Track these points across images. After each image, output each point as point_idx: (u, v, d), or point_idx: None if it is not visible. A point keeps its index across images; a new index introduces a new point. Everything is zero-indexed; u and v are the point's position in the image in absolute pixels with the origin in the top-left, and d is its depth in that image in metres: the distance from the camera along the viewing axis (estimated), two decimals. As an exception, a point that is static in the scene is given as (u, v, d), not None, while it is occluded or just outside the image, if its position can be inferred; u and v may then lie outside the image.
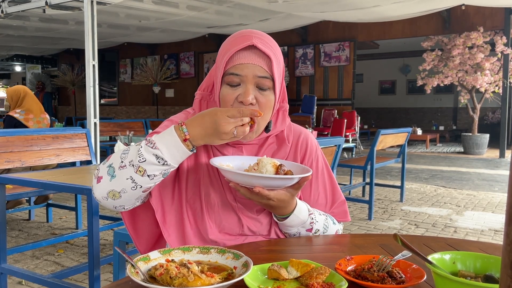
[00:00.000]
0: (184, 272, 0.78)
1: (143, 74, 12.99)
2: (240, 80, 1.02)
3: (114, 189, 0.97)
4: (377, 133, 4.38)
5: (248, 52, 1.02)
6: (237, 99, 1.02)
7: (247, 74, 1.01)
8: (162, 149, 0.93)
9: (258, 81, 1.02)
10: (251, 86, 1.02)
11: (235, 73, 1.01)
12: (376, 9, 8.02)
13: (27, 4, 6.27)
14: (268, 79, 1.03)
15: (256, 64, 1.01)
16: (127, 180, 0.96)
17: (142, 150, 0.95)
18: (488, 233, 3.86)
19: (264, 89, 1.03)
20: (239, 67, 1.01)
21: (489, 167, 7.97)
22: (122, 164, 0.96)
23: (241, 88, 1.02)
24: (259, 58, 1.02)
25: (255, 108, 1.02)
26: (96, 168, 1.03)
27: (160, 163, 0.94)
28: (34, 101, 4.21)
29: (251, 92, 1.01)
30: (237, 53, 1.02)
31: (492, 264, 0.80)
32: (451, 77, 9.65)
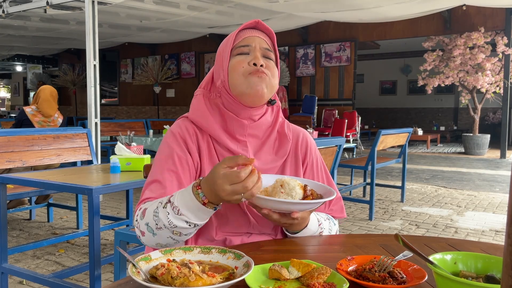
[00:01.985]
0: (185, 272, 0.78)
1: (144, 74, 12.99)
2: (249, 50, 1.10)
3: (160, 243, 1.02)
4: (378, 133, 4.38)
5: (253, 30, 1.14)
6: (249, 63, 1.09)
7: (255, 45, 1.11)
8: (188, 215, 0.95)
9: (264, 52, 1.12)
10: (259, 54, 1.10)
11: (245, 45, 1.10)
12: (377, 10, 8.02)
13: (28, 4, 6.27)
14: (271, 52, 1.14)
15: (261, 38, 1.12)
16: (167, 238, 1.00)
17: (170, 218, 0.96)
18: (489, 233, 3.85)
19: (270, 58, 1.13)
20: (247, 39, 1.11)
21: (490, 168, 7.96)
22: (157, 226, 0.99)
23: (251, 56, 1.10)
24: (263, 33, 1.15)
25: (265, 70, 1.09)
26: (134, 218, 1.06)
27: (191, 226, 0.97)
28: (49, 103, 4.38)
29: (260, 57, 1.10)
30: (243, 31, 1.13)
31: (493, 265, 0.80)
32: (452, 78, 9.64)
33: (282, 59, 11.30)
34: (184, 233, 0.98)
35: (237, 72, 1.08)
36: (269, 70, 1.10)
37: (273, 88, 1.12)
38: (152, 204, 1.02)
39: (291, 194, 0.98)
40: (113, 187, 2.12)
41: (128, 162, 2.45)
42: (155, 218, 0.99)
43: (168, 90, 13.35)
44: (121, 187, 2.17)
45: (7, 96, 24.88)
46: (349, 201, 5.03)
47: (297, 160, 1.20)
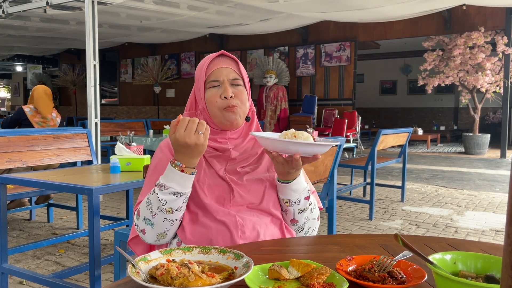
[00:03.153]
0: (185, 272, 0.78)
1: (144, 74, 12.99)
2: (219, 83, 1.27)
3: (159, 233, 1.19)
4: (378, 133, 4.38)
5: (220, 59, 1.30)
6: (221, 97, 1.25)
7: (223, 78, 1.27)
8: (173, 186, 1.13)
9: (232, 81, 1.28)
10: (228, 85, 1.26)
11: (214, 79, 1.27)
12: (377, 9, 8.02)
13: (28, 4, 6.27)
14: (238, 79, 1.29)
15: (228, 67, 1.28)
16: (164, 222, 1.16)
17: (160, 196, 1.14)
18: (489, 233, 3.85)
19: (238, 84, 1.28)
20: (216, 73, 1.27)
21: (490, 167, 7.96)
22: (152, 213, 1.16)
23: (221, 88, 1.26)
24: (229, 61, 1.30)
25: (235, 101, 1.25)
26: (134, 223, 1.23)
27: (178, 196, 1.14)
28: (43, 101, 4.34)
29: (229, 89, 1.26)
30: (212, 62, 1.30)
31: (493, 264, 0.80)
32: (452, 77, 9.64)
33: (282, 59, 11.30)
34: (175, 207, 1.14)
35: (213, 106, 1.26)
36: (238, 98, 1.26)
37: (246, 111, 1.30)
38: (143, 201, 1.20)
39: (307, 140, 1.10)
40: (113, 187, 2.12)
41: (128, 162, 2.45)
42: (149, 207, 1.16)
43: (168, 90, 13.35)
44: (121, 187, 2.17)
45: (7, 96, 24.89)
46: (349, 201, 5.03)
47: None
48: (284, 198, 1.24)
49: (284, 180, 1.22)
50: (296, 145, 1.08)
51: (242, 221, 1.18)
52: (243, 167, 1.27)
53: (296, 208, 1.24)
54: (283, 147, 1.10)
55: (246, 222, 1.18)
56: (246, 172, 1.27)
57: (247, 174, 1.26)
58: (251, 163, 1.29)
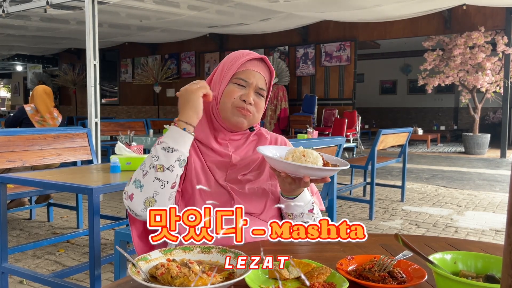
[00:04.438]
0: (185, 272, 0.78)
1: (144, 74, 12.99)
2: (246, 84, 1.23)
3: (147, 196, 1.11)
4: (378, 133, 4.38)
5: (258, 63, 1.26)
6: (241, 97, 1.22)
7: (253, 82, 1.23)
8: (166, 140, 1.12)
9: (258, 90, 1.25)
10: (252, 91, 1.24)
11: (245, 79, 1.23)
12: (377, 9, 8.01)
13: (28, 4, 6.27)
14: (265, 90, 1.26)
15: (261, 74, 1.25)
16: (153, 182, 1.11)
17: (153, 151, 1.13)
18: (489, 233, 3.85)
19: (261, 95, 1.26)
20: (248, 73, 1.23)
21: (490, 167, 7.96)
22: (144, 172, 1.12)
23: (245, 90, 1.23)
24: (265, 70, 1.26)
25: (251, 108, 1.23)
26: (123, 192, 1.16)
27: (170, 152, 1.11)
28: (43, 100, 4.36)
29: (251, 95, 1.23)
30: (250, 61, 1.24)
31: (493, 264, 0.80)
32: (452, 77, 9.64)
33: (282, 58, 11.30)
34: (166, 165, 1.11)
35: (229, 100, 1.22)
36: (255, 108, 1.24)
37: (255, 121, 1.28)
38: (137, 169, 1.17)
39: (316, 162, 1.08)
40: (113, 187, 2.12)
41: (128, 161, 2.45)
42: (142, 166, 1.14)
43: (168, 89, 13.34)
44: (121, 187, 2.16)
45: (7, 96, 24.89)
46: (349, 200, 5.03)
47: None
48: (288, 212, 1.22)
49: (288, 195, 1.19)
50: (307, 169, 1.05)
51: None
52: (244, 175, 1.23)
53: (299, 220, 1.21)
54: (293, 169, 1.07)
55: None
56: (248, 180, 1.23)
57: (249, 183, 1.23)
58: (252, 169, 1.26)
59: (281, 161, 1.07)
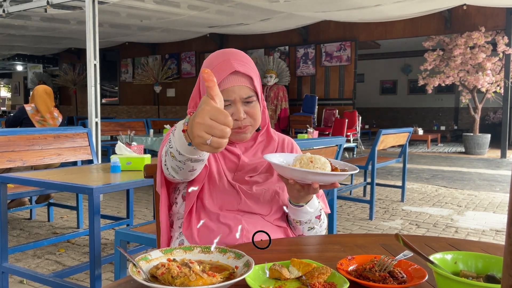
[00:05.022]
0: (186, 272, 0.78)
1: (144, 74, 12.98)
2: (230, 102, 1.16)
3: (172, 167, 1.07)
4: (378, 133, 4.38)
5: (232, 76, 1.15)
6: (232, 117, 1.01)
7: (235, 98, 1.15)
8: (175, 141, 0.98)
9: (245, 99, 1.17)
10: (240, 105, 1.16)
11: (226, 99, 1.13)
12: (377, 9, 8.01)
13: (29, 4, 6.27)
14: (252, 96, 1.18)
15: (242, 85, 1.16)
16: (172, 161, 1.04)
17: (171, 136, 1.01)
18: (490, 233, 3.85)
19: (251, 102, 1.18)
20: (228, 92, 1.14)
21: (490, 167, 7.96)
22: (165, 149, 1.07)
23: (233, 108, 1.16)
24: (243, 79, 1.17)
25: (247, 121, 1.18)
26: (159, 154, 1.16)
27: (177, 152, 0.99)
28: (43, 100, 4.36)
29: (241, 110, 1.16)
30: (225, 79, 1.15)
31: (493, 264, 0.80)
32: (452, 77, 9.64)
33: (282, 58, 11.29)
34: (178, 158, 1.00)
35: None
36: (251, 117, 1.18)
37: (258, 125, 1.23)
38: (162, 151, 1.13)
39: (324, 168, 1.06)
40: (113, 187, 2.12)
41: (129, 161, 2.45)
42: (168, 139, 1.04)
43: (168, 89, 13.34)
44: (122, 187, 2.17)
45: (7, 95, 24.90)
46: (349, 200, 5.03)
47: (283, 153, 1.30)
48: (295, 218, 1.21)
49: (297, 203, 1.18)
50: (315, 175, 1.04)
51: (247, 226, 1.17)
52: (251, 177, 1.23)
53: (306, 226, 1.22)
54: (301, 176, 1.06)
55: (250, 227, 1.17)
56: (256, 181, 1.22)
57: (257, 184, 1.22)
58: (260, 172, 1.25)
59: (288, 167, 1.06)
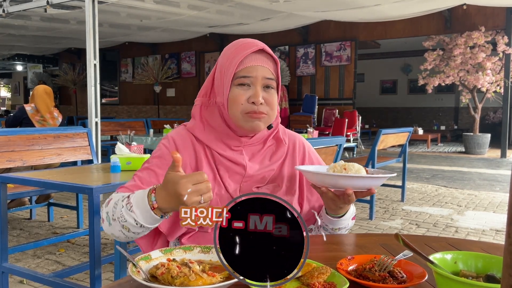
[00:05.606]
0: (186, 272, 0.78)
1: (144, 74, 12.99)
2: (250, 82, 1.10)
3: (113, 233, 1.04)
4: (378, 132, 4.38)
5: (258, 55, 1.11)
6: (248, 100, 1.09)
7: (257, 76, 1.09)
8: (137, 214, 0.96)
9: (266, 82, 1.11)
10: (260, 88, 1.10)
11: (246, 75, 1.09)
12: (377, 9, 8.01)
13: (29, 4, 6.27)
14: (273, 80, 1.12)
15: (264, 66, 1.11)
16: (119, 231, 1.02)
17: (123, 211, 0.98)
18: (490, 233, 3.85)
19: (271, 87, 1.12)
20: (249, 69, 1.09)
21: (490, 167, 7.96)
22: (113, 216, 1.02)
23: (251, 90, 1.10)
24: (267, 60, 1.12)
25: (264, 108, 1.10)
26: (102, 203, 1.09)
27: (138, 225, 0.98)
28: (43, 100, 4.36)
29: (260, 93, 1.09)
30: (247, 57, 1.10)
31: (493, 264, 0.80)
32: (452, 77, 9.64)
33: (282, 58, 11.30)
34: (132, 230, 0.99)
35: (237, 107, 1.09)
36: (268, 105, 1.11)
37: (273, 118, 1.15)
38: (118, 196, 1.05)
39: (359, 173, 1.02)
40: (113, 187, 2.12)
41: (129, 161, 2.45)
42: (113, 210, 1.02)
43: (168, 89, 13.35)
44: (122, 187, 2.16)
45: (7, 95, 24.90)
46: (349, 200, 5.02)
47: (293, 160, 1.23)
48: (334, 227, 1.18)
49: (335, 215, 1.14)
50: (347, 179, 0.99)
51: None
52: (259, 187, 1.16)
53: (344, 230, 1.21)
54: (332, 181, 1.01)
55: None
56: None
57: None
58: (268, 182, 1.17)
59: (320, 173, 1.02)
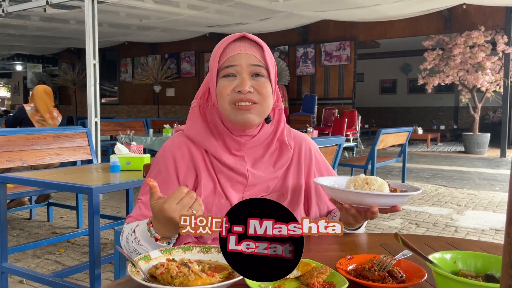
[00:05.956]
0: (185, 271, 0.78)
1: (144, 74, 12.99)
2: (235, 71, 1.03)
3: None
4: (378, 132, 4.38)
5: (240, 42, 1.05)
6: (234, 90, 1.02)
7: (241, 63, 1.02)
8: (146, 246, 0.97)
9: (253, 70, 1.03)
10: (246, 76, 1.03)
11: (230, 65, 1.03)
12: (377, 8, 8.01)
13: (28, 3, 6.27)
14: (262, 67, 1.04)
15: (248, 53, 1.04)
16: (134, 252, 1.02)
17: (134, 245, 1.00)
18: (489, 232, 3.85)
19: (260, 75, 1.04)
20: (232, 58, 1.03)
21: (490, 167, 7.96)
22: (129, 250, 1.03)
23: (238, 79, 1.03)
24: (251, 46, 1.05)
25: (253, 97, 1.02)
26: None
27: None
28: (42, 100, 4.37)
29: (247, 81, 1.02)
30: (229, 45, 1.05)
31: (493, 264, 0.80)
32: (452, 76, 9.64)
33: (282, 58, 11.29)
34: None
35: (224, 99, 1.03)
36: (259, 93, 1.03)
37: (266, 111, 1.07)
38: (127, 229, 1.05)
39: (382, 189, 0.98)
40: (113, 187, 2.12)
41: (128, 161, 2.45)
42: (127, 244, 1.03)
43: (168, 89, 13.35)
44: (121, 187, 2.17)
45: (7, 95, 24.89)
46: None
47: (299, 169, 1.17)
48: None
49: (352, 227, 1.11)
50: (374, 197, 0.95)
51: None
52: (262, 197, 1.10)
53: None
54: (358, 199, 0.96)
55: None
56: None
57: None
58: (272, 191, 1.11)
59: (343, 190, 0.96)
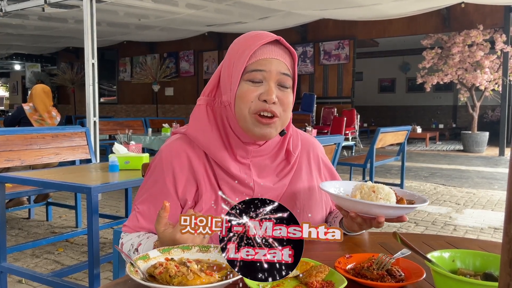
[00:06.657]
0: (184, 271, 0.78)
1: (142, 73, 12.98)
2: (263, 77, 0.96)
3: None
4: (376, 131, 4.38)
5: (272, 47, 0.98)
6: (260, 98, 0.96)
7: (271, 70, 0.96)
8: None
9: (281, 79, 0.98)
10: (273, 84, 0.97)
11: (259, 69, 0.96)
12: (376, 7, 8.01)
13: (27, 3, 6.26)
14: (289, 77, 0.99)
15: (280, 60, 0.98)
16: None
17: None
18: (488, 231, 3.86)
19: (286, 87, 0.99)
20: (263, 62, 0.96)
21: (488, 165, 7.97)
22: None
23: (264, 86, 0.97)
24: (284, 53, 0.99)
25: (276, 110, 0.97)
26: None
27: None
28: (41, 99, 4.37)
29: (274, 91, 0.96)
30: (261, 48, 0.97)
31: (491, 262, 0.80)
32: (450, 75, 9.65)
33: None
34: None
35: (245, 104, 0.96)
36: (281, 104, 0.97)
37: (285, 124, 1.01)
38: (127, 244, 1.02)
39: (389, 198, 0.96)
40: (111, 186, 2.12)
41: (127, 160, 2.45)
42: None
43: (167, 88, 13.34)
44: (120, 186, 2.17)
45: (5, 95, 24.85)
46: (348, 199, 5.02)
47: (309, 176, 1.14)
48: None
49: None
50: (381, 208, 0.93)
51: None
52: None
53: None
54: (365, 209, 0.94)
55: None
56: None
57: None
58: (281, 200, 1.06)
59: (350, 199, 0.95)
